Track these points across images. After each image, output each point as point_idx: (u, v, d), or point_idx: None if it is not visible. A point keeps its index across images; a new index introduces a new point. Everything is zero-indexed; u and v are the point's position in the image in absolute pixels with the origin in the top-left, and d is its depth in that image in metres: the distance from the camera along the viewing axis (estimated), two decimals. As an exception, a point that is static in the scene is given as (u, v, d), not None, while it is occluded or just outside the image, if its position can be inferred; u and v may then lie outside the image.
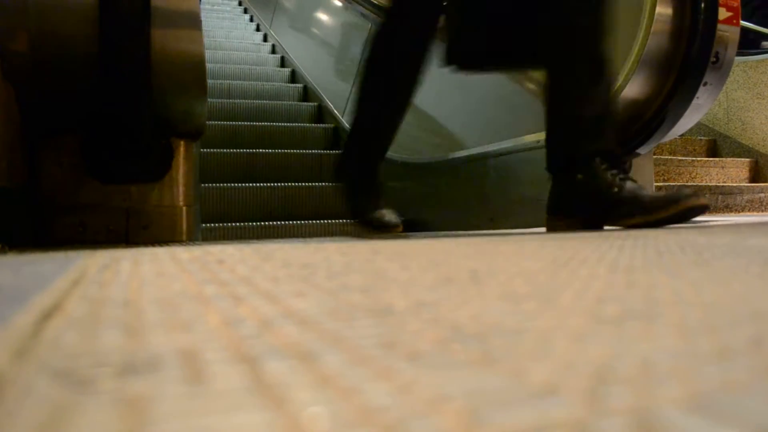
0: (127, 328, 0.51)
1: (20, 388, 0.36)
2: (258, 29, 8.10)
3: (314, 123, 5.71)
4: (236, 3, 9.21)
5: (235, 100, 5.58)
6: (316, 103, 5.89)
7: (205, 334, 0.49)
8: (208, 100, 4.41)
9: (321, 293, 0.68)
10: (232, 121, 5.19)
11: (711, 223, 2.70)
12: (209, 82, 4.54)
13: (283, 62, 6.89)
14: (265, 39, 7.68)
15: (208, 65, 3.08)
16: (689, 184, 4.99)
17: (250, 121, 5.27)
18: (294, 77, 6.49)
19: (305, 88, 6.18)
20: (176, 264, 1.02)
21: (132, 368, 0.39)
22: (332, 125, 5.51)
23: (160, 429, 0.29)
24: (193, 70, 2.64)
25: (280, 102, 5.84)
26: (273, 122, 5.43)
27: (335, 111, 5.49)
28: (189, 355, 0.42)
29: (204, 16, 3.02)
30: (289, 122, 5.55)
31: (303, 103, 6.01)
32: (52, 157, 2.67)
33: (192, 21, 2.60)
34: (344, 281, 0.77)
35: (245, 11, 8.91)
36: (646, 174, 3.47)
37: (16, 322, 0.53)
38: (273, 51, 7.25)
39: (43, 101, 2.47)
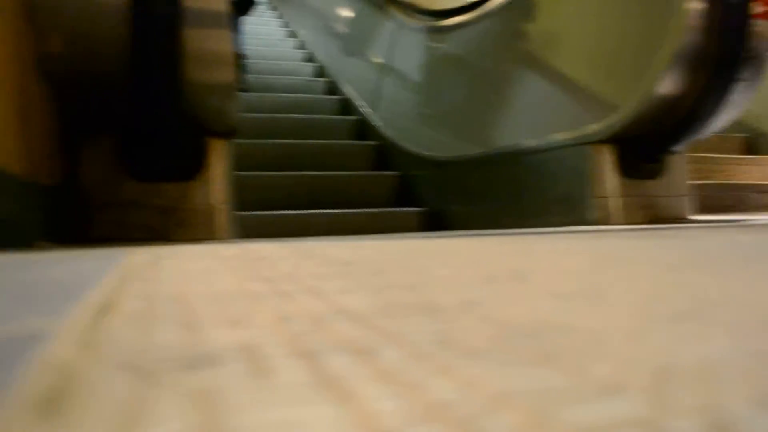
0: (183, 323, 0.52)
1: (91, 380, 0.37)
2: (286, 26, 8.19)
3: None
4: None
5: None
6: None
7: (260, 329, 0.49)
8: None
9: (367, 290, 0.68)
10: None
11: (750, 222, 2.66)
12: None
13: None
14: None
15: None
16: (725, 182, 4.90)
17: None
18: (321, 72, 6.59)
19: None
20: (219, 261, 1.03)
21: (196, 362, 0.40)
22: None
23: (236, 421, 0.29)
24: (223, 70, 2.66)
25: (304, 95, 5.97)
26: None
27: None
28: (248, 349, 0.43)
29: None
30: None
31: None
32: (91, 156, 2.72)
33: (222, 21, 2.62)
34: (388, 279, 0.77)
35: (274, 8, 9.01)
36: (681, 172, 3.42)
37: (75, 316, 0.55)
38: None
39: (80, 101, 2.52)
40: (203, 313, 0.56)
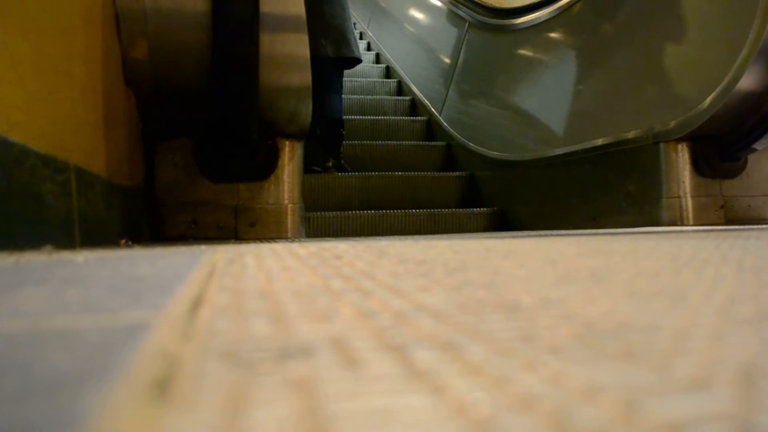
0: (273, 316, 0.54)
1: (195, 368, 0.39)
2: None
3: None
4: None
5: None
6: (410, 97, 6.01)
7: (345, 324, 0.51)
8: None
9: (444, 289, 0.70)
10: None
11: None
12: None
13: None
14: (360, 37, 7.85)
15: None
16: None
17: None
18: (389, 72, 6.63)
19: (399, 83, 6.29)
20: (296, 259, 1.07)
21: (289, 353, 0.42)
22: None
23: (334, 407, 0.31)
24: (299, 73, 2.72)
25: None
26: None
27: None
28: (337, 342, 0.45)
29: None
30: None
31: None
32: (168, 158, 2.82)
33: (298, 25, 2.68)
34: (464, 277, 0.78)
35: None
36: (764, 171, 3.29)
37: (171, 309, 0.58)
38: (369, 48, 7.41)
39: (161, 105, 2.62)
40: (290, 308, 0.58)
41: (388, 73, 6.67)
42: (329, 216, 4.07)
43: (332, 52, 4.15)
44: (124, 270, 0.95)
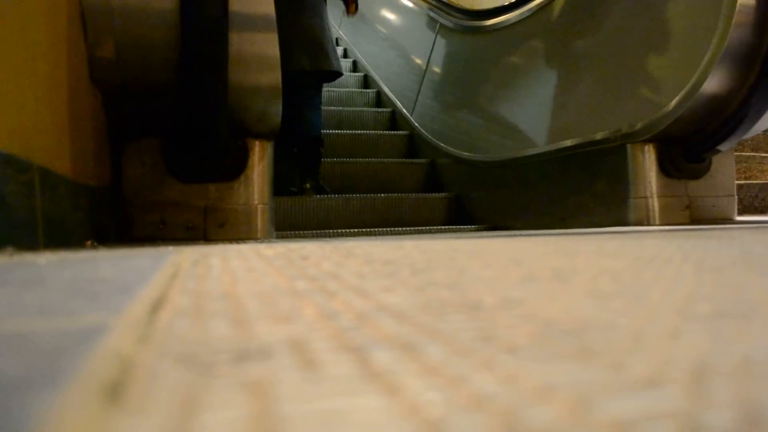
0: (233, 318, 0.54)
1: (149, 371, 0.39)
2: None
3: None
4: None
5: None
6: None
7: (307, 325, 0.51)
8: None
9: (408, 289, 0.70)
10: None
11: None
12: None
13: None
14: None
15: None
16: (772, 182, 4.79)
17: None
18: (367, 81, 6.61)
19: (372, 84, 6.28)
20: (262, 260, 1.06)
21: (247, 355, 0.42)
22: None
23: (288, 409, 0.31)
24: (269, 73, 2.71)
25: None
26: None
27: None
28: (297, 344, 0.44)
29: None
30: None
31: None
32: (135, 158, 2.79)
33: (268, 24, 2.66)
34: (429, 278, 0.79)
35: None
36: (726, 172, 3.35)
37: (130, 312, 0.57)
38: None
39: (128, 105, 2.59)
40: (252, 309, 0.58)
41: (366, 81, 6.60)
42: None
43: (309, 66, 3.95)
44: (86, 272, 0.94)
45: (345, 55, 7.18)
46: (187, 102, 2.53)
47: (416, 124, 5.15)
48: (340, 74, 4.22)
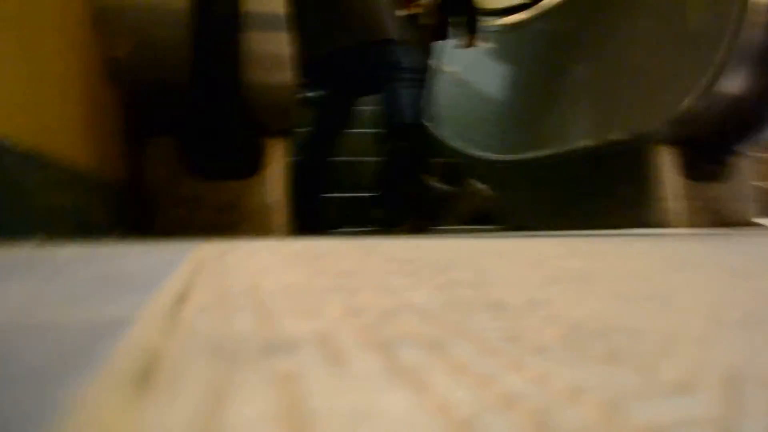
0: (257, 313, 0.54)
1: (176, 362, 0.39)
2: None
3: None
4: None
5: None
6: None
7: (331, 321, 0.51)
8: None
9: (431, 287, 0.69)
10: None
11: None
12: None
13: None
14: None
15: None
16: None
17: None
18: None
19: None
20: (282, 256, 1.06)
21: (273, 348, 0.42)
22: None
23: (315, 403, 0.31)
24: (283, 71, 2.71)
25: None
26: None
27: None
28: (323, 339, 0.44)
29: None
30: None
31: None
32: (155, 155, 2.81)
33: (279, 23, 2.67)
34: (451, 277, 0.78)
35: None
36: (746, 174, 3.31)
37: (154, 304, 0.57)
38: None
39: (145, 103, 2.61)
40: (275, 305, 0.58)
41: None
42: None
43: (365, 36, 3.07)
44: (110, 264, 0.94)
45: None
46: (200, 100, 2.55)
47: (433, 125, 5.14)
48: (395, 42, 3.15)
